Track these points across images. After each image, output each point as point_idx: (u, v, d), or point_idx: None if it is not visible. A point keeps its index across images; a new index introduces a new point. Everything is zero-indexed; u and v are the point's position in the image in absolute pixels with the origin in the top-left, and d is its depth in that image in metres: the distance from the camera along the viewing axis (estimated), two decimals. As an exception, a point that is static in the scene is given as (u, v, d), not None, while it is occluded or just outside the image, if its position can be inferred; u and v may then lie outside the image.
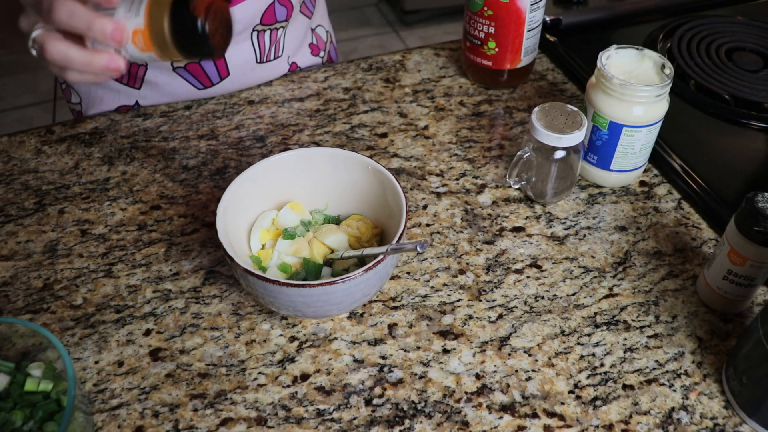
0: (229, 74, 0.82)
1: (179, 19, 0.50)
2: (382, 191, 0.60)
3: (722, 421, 0.52)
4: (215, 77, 0.82)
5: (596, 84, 0.66)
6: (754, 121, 0.77)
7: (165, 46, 0.51)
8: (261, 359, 0.57)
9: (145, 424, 0.52)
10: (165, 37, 0.50)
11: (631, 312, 0.60)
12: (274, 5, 0.80)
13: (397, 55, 0.90)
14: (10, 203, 0.70)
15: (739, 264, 0.55)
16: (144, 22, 0.50)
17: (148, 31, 0.50)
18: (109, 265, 0.64)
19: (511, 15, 0.75)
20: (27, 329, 0.49)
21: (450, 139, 0.77)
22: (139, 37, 0.50)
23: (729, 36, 0.88)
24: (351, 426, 0.52)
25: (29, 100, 2.34)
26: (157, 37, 0.51)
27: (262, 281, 0.51)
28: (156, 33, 0.50)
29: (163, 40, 0.51)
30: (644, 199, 0.70)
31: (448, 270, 0.63)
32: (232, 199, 0.58)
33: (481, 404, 0.53)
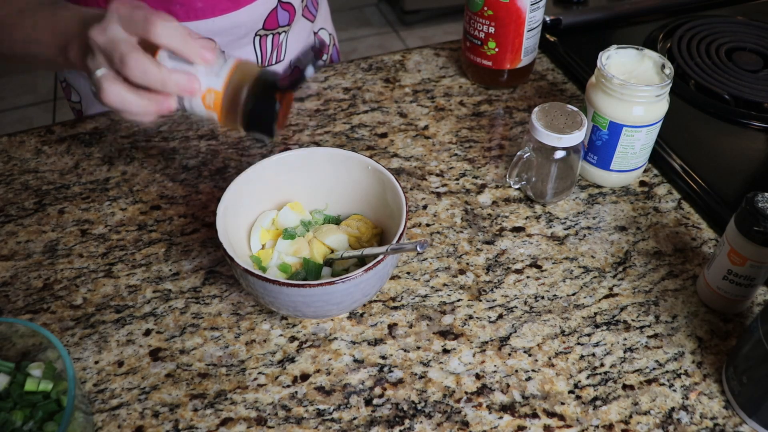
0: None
1: (258, 95, 0.50)
2: (382, 191, 0.60)
3: (722, 421, 0.52)
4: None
5: (596, 84, 0.66)
6: (754, 121, 0.77)
7: (232, 114, 0.51)
8: (261, 359, 0.57)
9: (145, 424, 0.52)
10: (238, 106, 0.51)
11: (631, 312, 0.60)
12: (276, 10, 0.80)
13: (397, 55, 0.90)
14: (10, 203, 0.70)
15: (739, 264, 0.55)
16: (223, 85, 0.50)
17: (223, 95, 0.50)
18: (109, 265, 0.64)
19: (511, 15, 0.75)
20: (27, 329, 0.49)
21: (450, 139, 0.77)
22: (211, 96, 0.51)
23: (729, 36, 0.88)
24: (351, 426, 0.52)
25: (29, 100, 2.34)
26: (230, 103, 0.51)
27: (262, 281, 0.51)
28: (230, 99, 0.51)
29: (234, 109, 0.51)
30: (644, 199, 0.70)
31: (448, 270, 0.63)
32: (232, 199, 0.58)
33: (481, 404, 0.53)
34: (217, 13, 0.74)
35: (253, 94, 0.50)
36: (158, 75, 0.49)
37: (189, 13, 0.73)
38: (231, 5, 0.74)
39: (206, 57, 0.50)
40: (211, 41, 0.51)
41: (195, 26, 0.74)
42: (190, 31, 0.50)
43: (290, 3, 0.81)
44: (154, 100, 0.51)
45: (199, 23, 0.74)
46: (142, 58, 0.49)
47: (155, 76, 0.49)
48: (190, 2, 0.72)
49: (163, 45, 0.49)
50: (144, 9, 0.50)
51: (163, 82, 0.49)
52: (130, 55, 0.49)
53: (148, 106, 0.51)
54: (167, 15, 0.50)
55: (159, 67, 0.49)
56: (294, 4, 0.82)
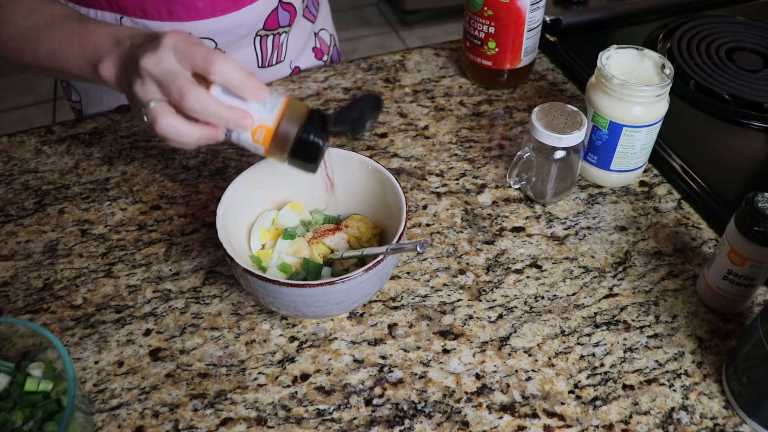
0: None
1: (309, 132, 0.52)
2: (382, 191, 0.60)
3: (722, 421, 0.52)
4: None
5: (596, 84, 0.66)
6: (754, 121, 0.77)
7: (280, 150, 0.53)
8: (261, 359, 0.57)
9: (145, 424, 0.52)
10: (287, 143, 0.53)
11: (631, 312, 0.60)
12: (277, 10, 0.80)
13: (397, 55, 0.90)
14: (10, 203, 0.70)
15: (739, 264, 0.55)
16: (275, 122, 0.52)
17: (275, 131, 0.52)
18: (109, 265, 0.64)
19: (511, 15, 0.75)
20: (27, 329, 0.49)
21: (450, 139, 0.77)
22: (261, 132, 0.53)
23: (729, 36, 0.88)
24: (351, 426, 0.52)
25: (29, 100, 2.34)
26: (280, 140, 0.53)
27: (262, 281, 0.51)
28: (280, 136, 0.52)
29: (283, 145, 0.53)
30: (644, 199, 0.70)
31: (448, 270, 0.63)
32: (232, 199, 0.58)
33: (481, 404, 0.53)
34: (218, 13, 0.74)
35: (304, 132, 0.52)
36: (216, 110, 0.51)
37: (190, 13, 0.73)
38: (231, 5, 0.74)
39: (262, 96, 0.52)
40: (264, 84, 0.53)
41: (195, 26, 0.74)
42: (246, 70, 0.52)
43: (291, 3, 0.81)
44: (205, 132, 0.53)
45: (200, 23, 0.74)
46: (202, 93, 0.50)
47: (214, 111, 0.51)
48: (191, 2, 0.72)
49: (222, 84, 0.51)
50: (202, 45, 0.52)
51: (220, 117, 0.51)
52: (190, 90, 0.50)
53: (199, 137, 0.53)
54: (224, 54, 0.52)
55: (217, 102, 0.51)
56: (295, 4, 0.82)
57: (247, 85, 0.51)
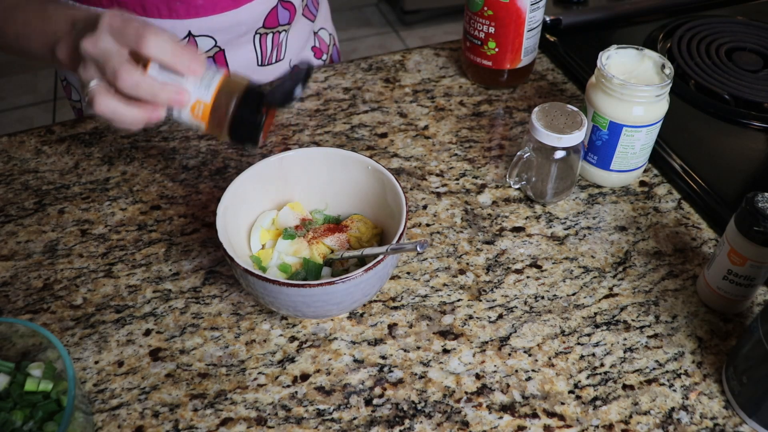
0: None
1: (244, 108, 0.52)
2: (382, 191, 0.60)
3: (722, 421, 0.52)
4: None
5: (596, 84, 0.66)
6: (754, 121, 0.77)
7: (219, 124, 0.53)
8: (261, 359, 0.57)
9: (145, 424, 0.52)
10: (225, 117, 0.53)
11: (631, 312, 0.60)
12: (277, 9, 0.80)
13: (397, 55, 0.90)
14: (10, 203, 0.70)
15: (739, 264, 0.55)
16: (211, 97, 0.52)
17: (212, 106, 0.52)
18: (109, 265, 0.64)
19: (511, 15, 0.75)
20: (27, 329, 0.49)
21: (450, 139, 0.77)
22: (199, 108, 0.53)
23: (729, 36, 0.88)
24: (351, 426, 0.52)
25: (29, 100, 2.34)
26: (218, 114, 0.53)
27: (262, 281, 0.51)
28: (218, 111, 0.53)
29: (221, 120, 0.53)
30: (644, 199, 0.70)
31: (448, 270, 0.63)
32: (232, 199, 0.58)
33: (481, 404, 0.53)
34: (218, 10, 0.74)
35: (240, 107, 0.52)
36: (149, 88, 0.51)
37: (190, 11, 0.73)
38: (232, 3, 0.74)
39: (196, 70, 0.51)
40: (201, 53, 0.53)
41: (196, 24, 0.74)
42: (181, 44, 0.52)
43: (291, 2, 0.81)
44: (144, 111, 0.53)
45: (200, 21, 0.74)
46: (134, 71, 0.50)
47: (146, 89, 0.51)
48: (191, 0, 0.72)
49: (153, 58, 0.51)
50: (136, 22, 0.51)
51: (154, 95, 0.51)
52: (122, 68, 0.50)
53: (138, 116, 0.53)
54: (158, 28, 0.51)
55: (150, 80, 0.51)
56: (294, 3, 0.82)
57: (181, 59, 0.51)
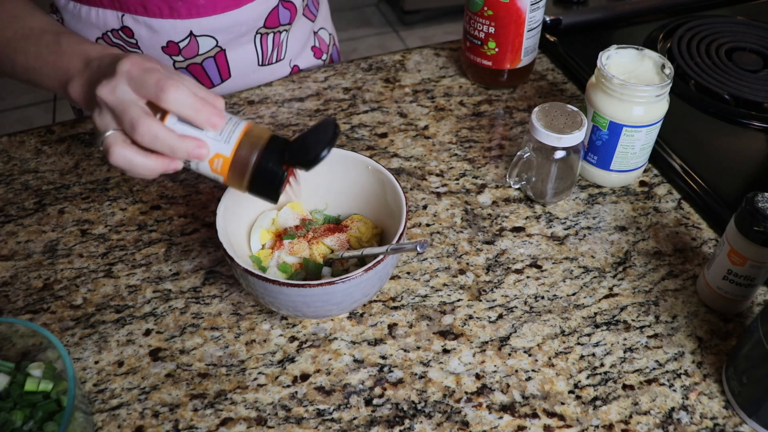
0: (230, 76, 0.82)
1: (267, 162, 0.50)
2: (382, 191, 0.60)
3: (722, 421, 0.52)
4: (216, 79, 0.82)
5: (596, 84, 0.66)
6: (754, 121, 0.77)
7: (239, 179, 0.51)
8: (261, 359, 0.57)
9: (145, 424, 0.52)
10: (246, 172, 0.51)
11: (631, 312, 0.60)
12: (277, 8, 0.80)
13: (397, 55, 0.90)
14: (10, 203, 0.70)
15: (739, 264, 0.55)
16: (231, 151, 0.50)
17: (232, 160, 0.51)
18: (109, 265, 0.64)
19: (511, 15, 0.75)
20: (27, 329, 0.49)
21: (450, 139, 0.77)
22: (219, 161, 0.51)
23: (729, 36, 0.88)
24: (351, 426, 0.52)
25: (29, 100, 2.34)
26: (238, 169, 0.51)
27: (262, 281, 0.51)
28: (238, 165, 0.51)
29: (242, 174, 0.51)
30: (644, 199, 0.70)
31: (448, 270, 0.63)
32: (232, 199, 0.58)
33: (481, 404, 0.53)
34: (219, 10, 0.74)
35: (261, 163, 0.50)
36: (168, 141, 0.49)
37: (191, 10, 0.73)
38: (233, 3, 0.74)
39: (216, 124, 0.50)
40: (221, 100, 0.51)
41: (197, 23, 0.74)
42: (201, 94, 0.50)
43: (291, 2, 0.81)
44: (161, 162, 0.51)
45: (201, 20, 0.74)
46: (153, 124, 0.49)
47: (165, 143, 0.49)
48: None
49: (173, 112, 0.49)
50: (156, 71, 0.49)
51: (173, 149, 0.49)
52: (141, 121, 0.48)
53: (154, 168, 0.51)
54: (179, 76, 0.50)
55: (169, 133, 0.49)
56: (295, 2, 0.82)
57: (200, 112, 0.49)
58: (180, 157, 0.50)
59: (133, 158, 0.50)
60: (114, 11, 0.72)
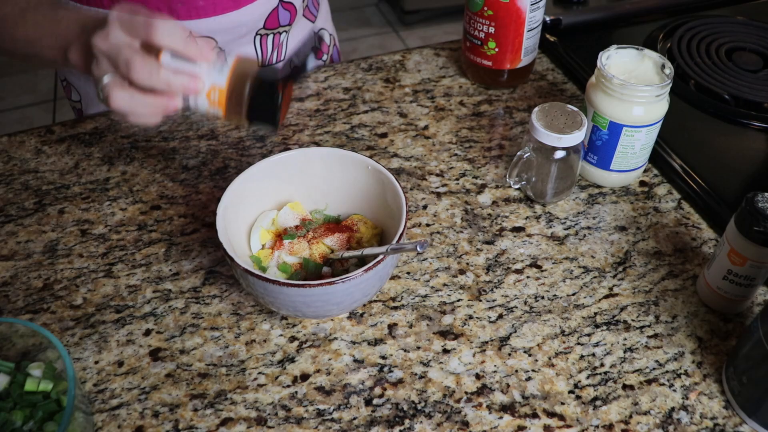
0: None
1: (261, 88, 0.52)
2: (382, 191, 0.60)
3: (722, 421, 0.52)
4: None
5: (596, 84, 0.66)
6: (754, 121, 0.77)
7: (237, 108, 0.53)
8: (261, 359, 0.57)
9: (145, 424, 0.52)
10: (242, 100, 0.52)
11: (631, 312, 0.60)
12: (277, 9, 0.80)
13: (397, 55, 0.90)
14: (10, 203, 0.70)
15: (739, 264, 0.55)
16: (226, 81, 0.52)
17: (228, 90, 0.52)
18: (109, 265, 0.64)
19: (511, 15, 0.75)
20: (27, 329, 0.49)
21: (450, 139, 0.77)
22: (215, 93, 0.52)
23: (729, 36, 0.88)
24: (351, 426, 0.52)
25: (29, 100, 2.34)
26: (235, 98, 0.52)
27: (262, 281, 0.51)
28: (234, 93, 0.52)
29: (239, 103, 0.52)
30: (644, 199, 0.70)
31: (448, 270, 0.63)
32: (232, 199, 0.58)
33: (481, 404, 0.53)
34: (219, 11, 0.74)
35: (256, 87, 0.52)
36: (163, 76, 0.50)
37: (191, 12, 0.73)
38: (232, 4, 0.74)
39: (207, 55, 0.51)
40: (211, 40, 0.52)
41: (196, 25, 0.74)
42: (190, 32, 0.51)
43: (291, 3, 0.81)
44: (161, 101, 0.52)
45: (201, 22, 0.74)
46: (147, 61, 0.50)
47: (161, 78, 0.50)
48: (192, 0, 0.72)
49: (164, 46, 0.51)
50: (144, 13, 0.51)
51: (169, 83, 0.51)
52: (134, 59, 0.50)
53: (154, 107, 0.53)
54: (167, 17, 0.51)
55: (164, 68, 0.51)
56: (295, 3, 0.82)
57: (191, 46, 0.51)
58: (176, 90, 0.51)
59: (133, 99, 0.52)
60: None
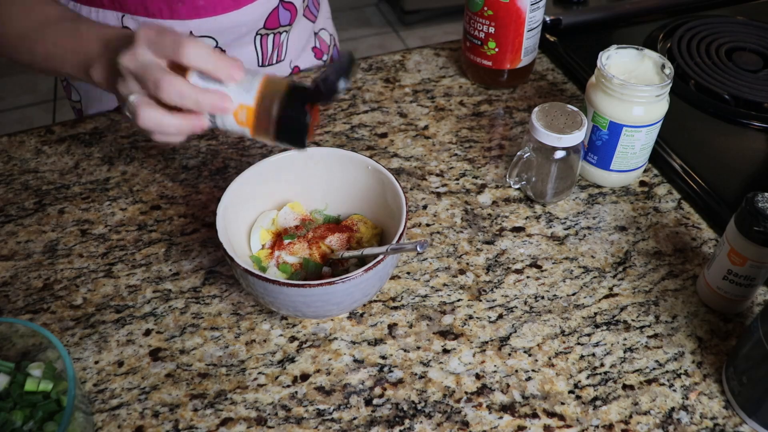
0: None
1: (290, 106, 0.51)
2: (382, 191, 0.60)
3: (722, 421, 0.52)
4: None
5: (596, 84, 0.66)
6: (754, 121, 0.77)
7: (264, 127, 0.52)
8: (261, 359, 0.57)
9: (145, 424, 0.52)
10: (270, 119, 0.52)
11: (631, 312, 0.60)
12: (278, 9, 0.80)
13: (397, 55, 0.90)
14: (10, 203, 0.70)
15: (739, 264, 0.55)
16: (254, 100, 0.52)
17: (256, 110, 0.52)
18: (109, 265, 0.64)
19: (511, 15, 0.75)
20: (27, 329, 0.49)
21: (450, 139, 0.77)
22: (243, 113, 0.52)
23: (729, 36, 0.88)
24: (351, 426, 0.52)
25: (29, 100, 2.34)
26: (262, 118, 0.52)
27: (262, 281, 0.51)
28: (262, 113, 0.52)
29: (267, 122, 0.52)
30: (644, 199, 0.70)
31: (448, 270, 0.63)
32: (232, 199, 0.58)
33: (481, 404, 0.53)
34: (219, 11, 0.74)
35: (285, 107, 0.52)
36: (193, 96, 0.50)
37: (191, 12, 0.73)
38: (233, 4, 0.74)
39: (236, 75, 0.51)
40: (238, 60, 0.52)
41: (197, 24, 0.74)
42: (218, 51, 0.51)
43: (292, 3, 0.81)
44: (188, 121, 0.52)
45: (201, 21, 0.74)
46: (176, 81, 0.50)
47: (190, 97, 0.50)
48: (192, 0, 0.72)
49: (193, 66, 0.51)
50: (172, 33, 0.51)
51: (197, 103, 0.51)
52: (164, 79, 0.50)
53: (182, 127, 0.52)
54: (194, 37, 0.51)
55: (193, 88, 0.51)
56: (295, 3, 0.82)
57: (219, 64, 0.50)
58: (205, 110, 0.51)
59: (161, 118, 0.52)
60: (114, 12, 0.72)
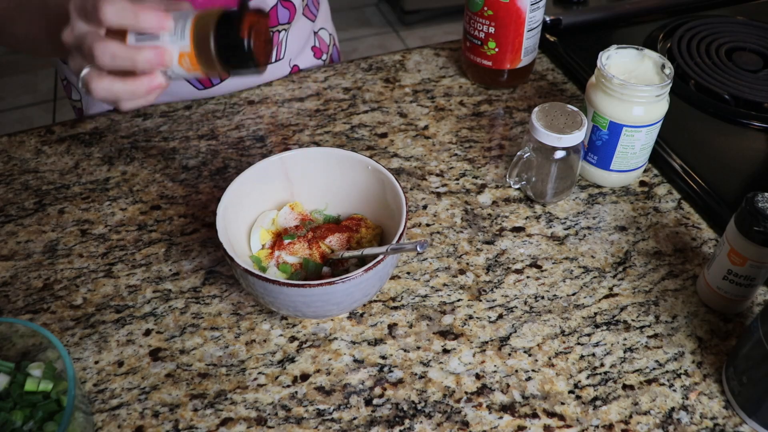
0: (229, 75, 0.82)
1: (224, 39, 0.50)
2: (382, 191, 0.60)
3: (722, 421, 0.52)
4: (215, 78, 0.82)
5: (596, 84, 0.66)
6: (754, 121, 0.77)
7: (211, 65, 0.52)
8: (261, 359, 0.57)
9: (145, 424, 0.52)
10: (212, 57, 0.51)
11: (631, 312, 0.60)
12: (276, 7, 0.80)
13: (397, 55, 0.90)
14: (10, 203, 0.70)
15: (739, 264, 0.55)
16: (190, 44, 0.50)
17: (194, 52, 0.51)
18: (109, 265, 0.64)
19: (511, 15, 0.75)
20: (27, 329, 0.49)
21: (450, 139, 0.77)
22: (186, 59, 0.51)
23: (729, 36, 0.88)
24: (351, 426, 0.52)
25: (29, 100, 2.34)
26: (204, 58, 0.51)
27: (262, 281, 0.51)
28: (202, 54, 0.51)
29: (210, 61, 0.51)
30: (644, 199, 0.70)
31: (448, 270, 0.63)
32: (232, 199, 0.58)
33: (481, 404, 0.53)
34: None
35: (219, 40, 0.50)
36: (126, 56, 0.49)
37: None
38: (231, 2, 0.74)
39: (164, 25, 0.49)
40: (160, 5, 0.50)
41: None
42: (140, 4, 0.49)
43: (291, 1, 0.81)
44: (140, 82, 0.51)
45: None
46: (107, 44, 0.49)
47: (124, 58, 0.49)
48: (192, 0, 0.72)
49: (114, 26, 0.49)
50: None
51: (133, 62, 0.49)
52: (95, 45, 0.49)
53: (136, 90, 0.51)
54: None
55: (125, 47, 0.49)
56: (294, 2, 0.82)
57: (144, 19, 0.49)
58: (142, 67, 0.50)
59: (112, 86, 0.50)
60: None
